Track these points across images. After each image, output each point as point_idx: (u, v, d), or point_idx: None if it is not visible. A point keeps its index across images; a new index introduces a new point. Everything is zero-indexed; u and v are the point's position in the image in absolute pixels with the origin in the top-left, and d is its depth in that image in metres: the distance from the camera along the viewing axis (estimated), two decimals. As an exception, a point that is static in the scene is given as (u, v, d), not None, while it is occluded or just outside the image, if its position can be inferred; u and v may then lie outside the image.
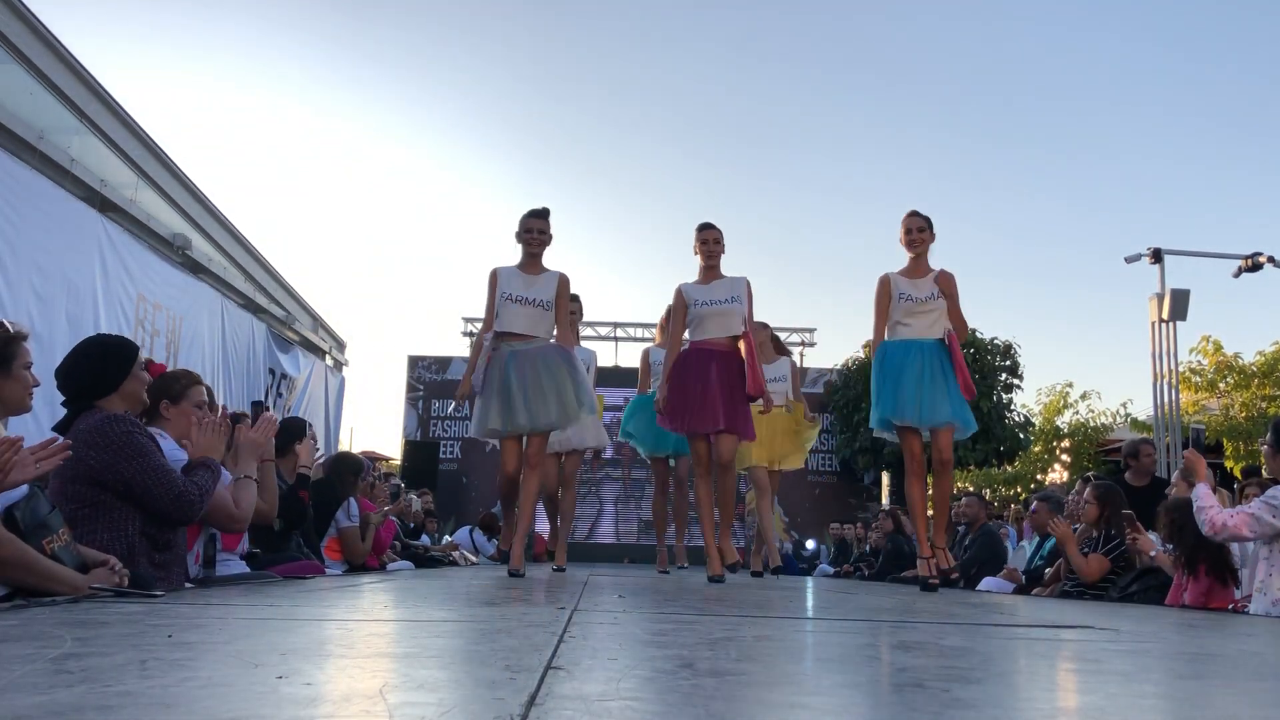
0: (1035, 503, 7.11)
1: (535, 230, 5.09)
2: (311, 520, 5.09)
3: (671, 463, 6.72)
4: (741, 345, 5.13)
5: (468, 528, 10.95)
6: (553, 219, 5.21)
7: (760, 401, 5.06)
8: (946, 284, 5.01)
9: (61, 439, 2.57)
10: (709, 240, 5.28)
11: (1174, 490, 4.65)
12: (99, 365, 3.09)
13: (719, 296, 5.16)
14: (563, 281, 5.09)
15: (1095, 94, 38.46)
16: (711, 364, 5.05)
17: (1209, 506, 4.01)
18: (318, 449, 6.14)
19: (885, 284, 5.10)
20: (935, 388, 4.83)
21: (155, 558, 3.00)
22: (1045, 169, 38.83)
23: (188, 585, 3.27)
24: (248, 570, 4.19)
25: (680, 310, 5.24)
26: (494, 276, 5.06)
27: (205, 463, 3.18)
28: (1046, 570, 6.13)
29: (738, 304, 5.14)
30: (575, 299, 6.40)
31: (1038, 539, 6.98)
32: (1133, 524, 5.09)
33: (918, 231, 5.10)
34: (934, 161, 41.90)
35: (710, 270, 5.26)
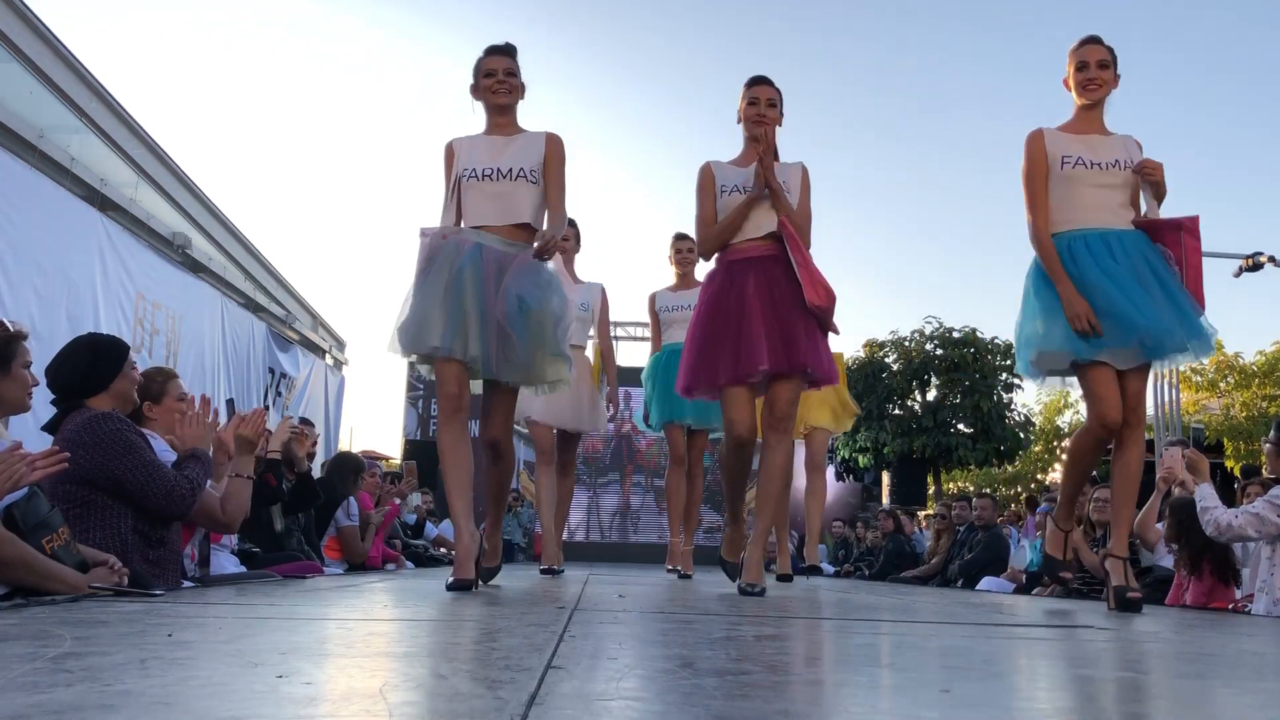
0: (1048, 504, 7.12)
1: (500, 71, 3.47)
2: (285, 501, 5.01)
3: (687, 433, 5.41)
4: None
5: (447, 521, 10.47)
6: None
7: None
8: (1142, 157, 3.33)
9: (59, 447, 2.57)
10: (759, 100, 3.62)
11: (1177, 490, 4.64)
12: (89, 364, 3.09)
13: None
14: (553, 143, 3.46)
15: (1095, 93, 38.39)
16: (747, 276, 3.46)
17: (1214, 507, 4.00)
18: (314, 441, 6.15)
19: (1038, 145, 3.38)
20: (1154, 294, 3.16)
21: (150, 555, 3.00)
22: (1045, 168, 38.75)
23: (186, 584, 3.27)
24: (242, 567, 4.20)
25: (707, 193, 3.58)
26: (450, 151, 3.52)
27: (195, 454, 3.19)
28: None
29: (788, 195, 3.53)
30: (570, 224, 5.07)
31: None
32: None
33: (1098, 68, 3.38)
34: (934, 160, 41.89)
35: (758, 144, 3.58)
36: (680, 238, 5.48)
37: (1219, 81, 37.00)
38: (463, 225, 3.44)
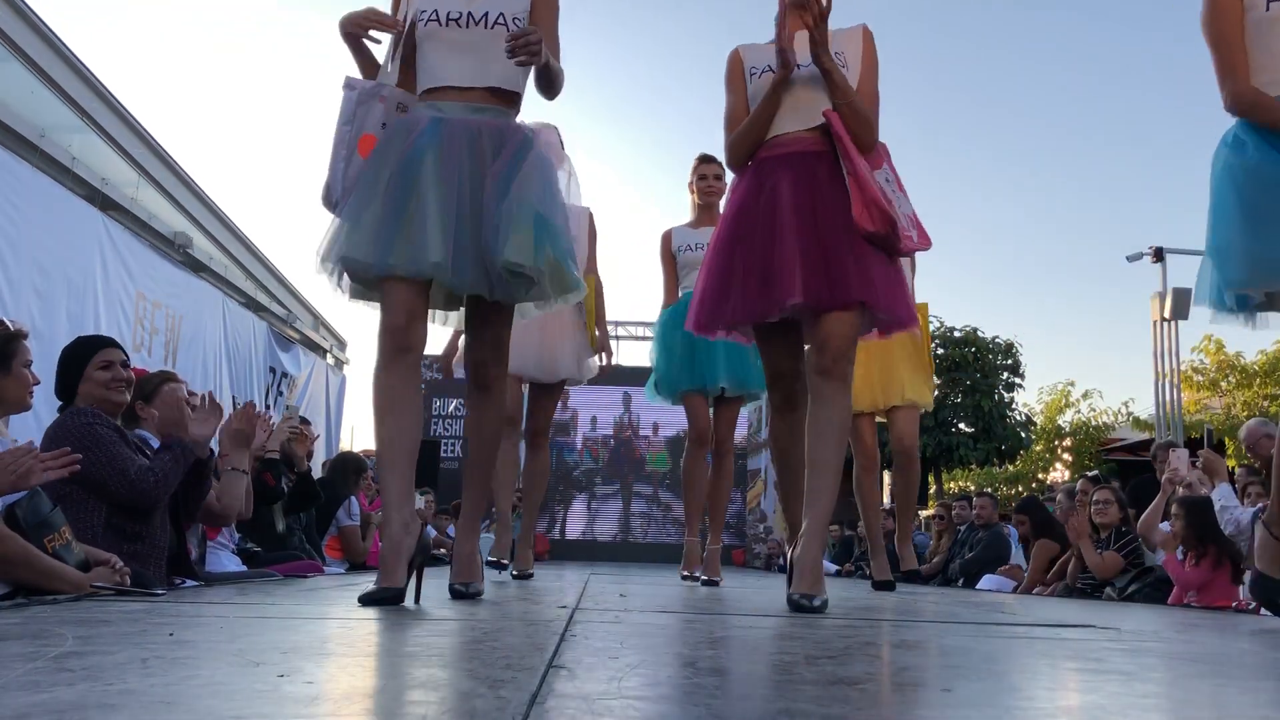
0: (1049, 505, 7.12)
1: None
2: (284, 500, 5.02)
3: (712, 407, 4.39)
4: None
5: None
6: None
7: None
8: None
9: (70, 451, 2.58)
10: None
11: (1182, 490, 4.63)
12: (59, 368, 3.12)
13: (805, 59, 2.69)
14: None
15: (1098, 91, 38.42)
16: (781, 177, 2.67)
17: (1233, 506, 3.98)
18: (314, 439, 6.17)
19: None
20: None
21: (125, 548, 2.97)
22: (1048, 166, 38.80)
23: (182, 583, 3.28)
24: (243, 566, 4.21)
25: (736, 85, 2.85)
26: None
27: (169, 445, 3.19)
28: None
29: (839, 69, 2.68)
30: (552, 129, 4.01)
31: None
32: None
33: None
34: (935, 158, 41.86)
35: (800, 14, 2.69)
36: (706, 160, 4.42)
37: (1220, 81, 36.98)
38: (421, 84, 2.57)
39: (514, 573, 4.27)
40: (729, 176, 3.18)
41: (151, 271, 7.81)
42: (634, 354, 16.57)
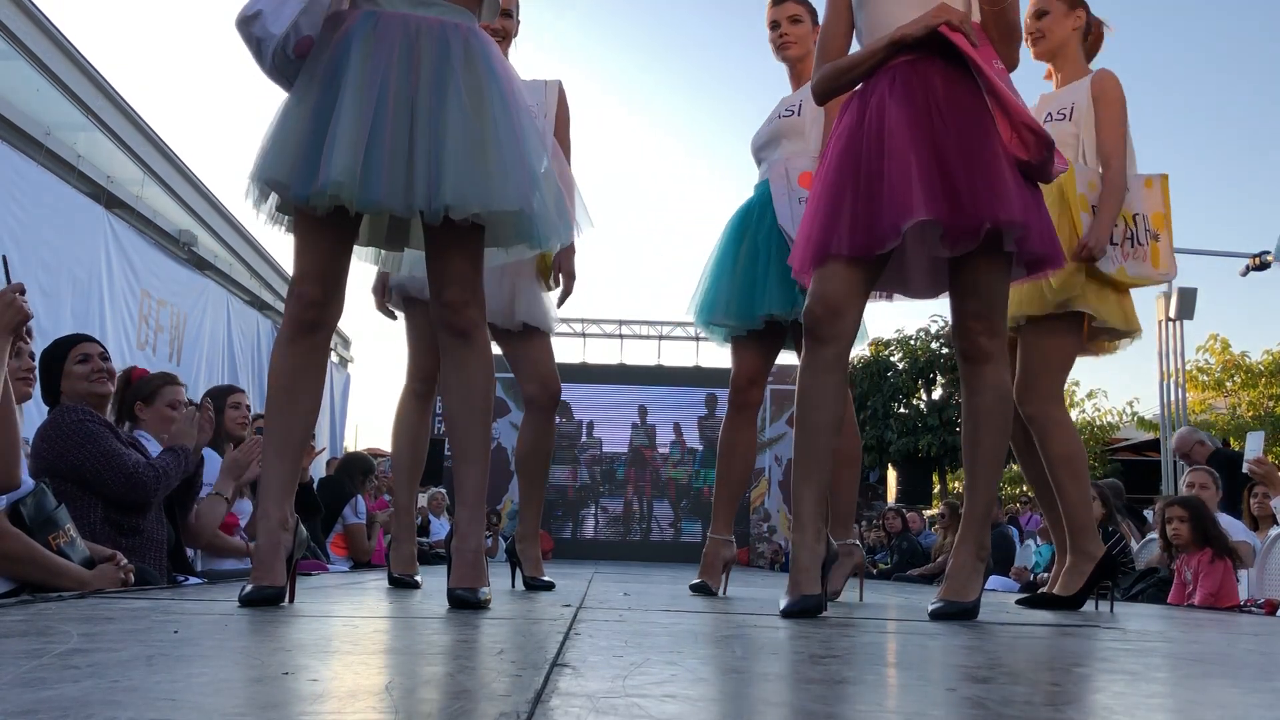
0: None
1: None
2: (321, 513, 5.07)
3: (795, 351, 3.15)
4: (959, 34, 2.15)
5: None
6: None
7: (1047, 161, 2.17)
8: None
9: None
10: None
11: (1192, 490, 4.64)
12: (40, 372, 3.13)
13: None
14: None
15: (1102, 92, 38.25)
16: (890, 88, 2.22)
17: None
18: (317, 452, 6.18)
19: None
20: None
21: (123, 543, 2.99)
22: (1051, 167, 38.64)
23: (185, 579, 3.29)
24: (248, 561, 4.22)
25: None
26: None
27: (173, 448, 3.21)
28: (1045, 574, 6.14)
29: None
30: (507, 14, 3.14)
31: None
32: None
33: None
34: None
35: None
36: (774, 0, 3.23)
37: (1229, 77, 36.96)
38: None
39: (527, 580, 3.40)
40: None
41: (156, 269, 7.83)
42: (644, 354, 16.38)
